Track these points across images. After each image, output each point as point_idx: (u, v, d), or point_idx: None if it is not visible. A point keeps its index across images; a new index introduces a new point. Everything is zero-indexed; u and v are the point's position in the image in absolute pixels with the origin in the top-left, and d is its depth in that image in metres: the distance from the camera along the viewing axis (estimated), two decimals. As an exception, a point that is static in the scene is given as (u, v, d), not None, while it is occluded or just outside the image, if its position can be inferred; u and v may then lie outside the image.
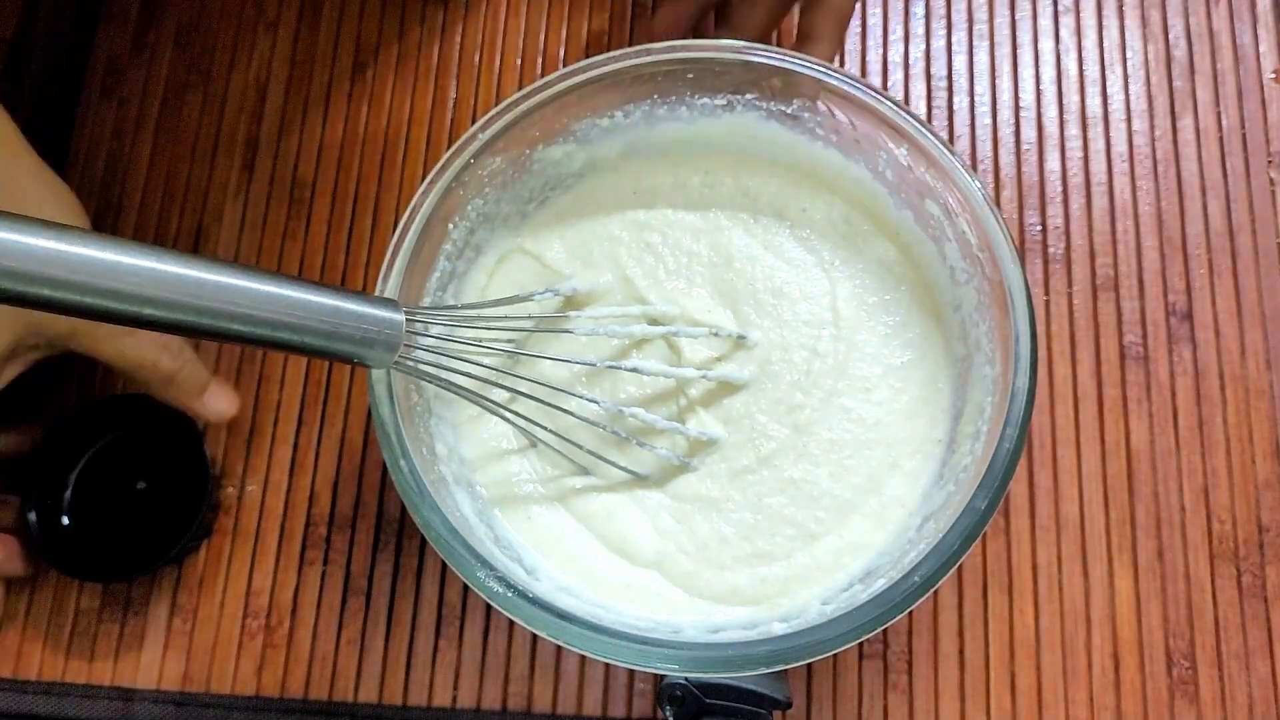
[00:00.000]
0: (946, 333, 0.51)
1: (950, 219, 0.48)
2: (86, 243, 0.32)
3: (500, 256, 0.53)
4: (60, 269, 0.31)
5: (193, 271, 0.34)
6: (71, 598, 0.55)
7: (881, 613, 0.40)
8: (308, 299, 0.37)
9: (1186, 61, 0.62)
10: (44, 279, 0.31)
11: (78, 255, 0.32)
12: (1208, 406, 0.56)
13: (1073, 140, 0.61)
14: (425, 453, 0.46)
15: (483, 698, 0.52)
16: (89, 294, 0.32)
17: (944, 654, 0.52)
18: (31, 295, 0.31)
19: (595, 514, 0.49)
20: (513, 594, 0.40)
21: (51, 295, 0.32)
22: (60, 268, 0.31)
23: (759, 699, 0.44)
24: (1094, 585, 0.53)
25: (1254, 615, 0.52)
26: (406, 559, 0.54)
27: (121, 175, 0.62)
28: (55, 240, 0.31)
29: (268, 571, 0.55)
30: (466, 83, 0.63)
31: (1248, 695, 0.51)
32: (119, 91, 0.64)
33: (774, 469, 0.49)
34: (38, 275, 0.31)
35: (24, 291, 0.31)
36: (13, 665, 0.54)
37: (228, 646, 0.54)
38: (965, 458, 0.45)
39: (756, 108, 0.51)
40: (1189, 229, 0.59)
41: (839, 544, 0.47)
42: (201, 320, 0.34)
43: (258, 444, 0.57)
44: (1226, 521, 0.54)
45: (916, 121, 0.47)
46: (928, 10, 0.64)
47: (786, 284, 0.52)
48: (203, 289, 0.34)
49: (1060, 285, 0.58)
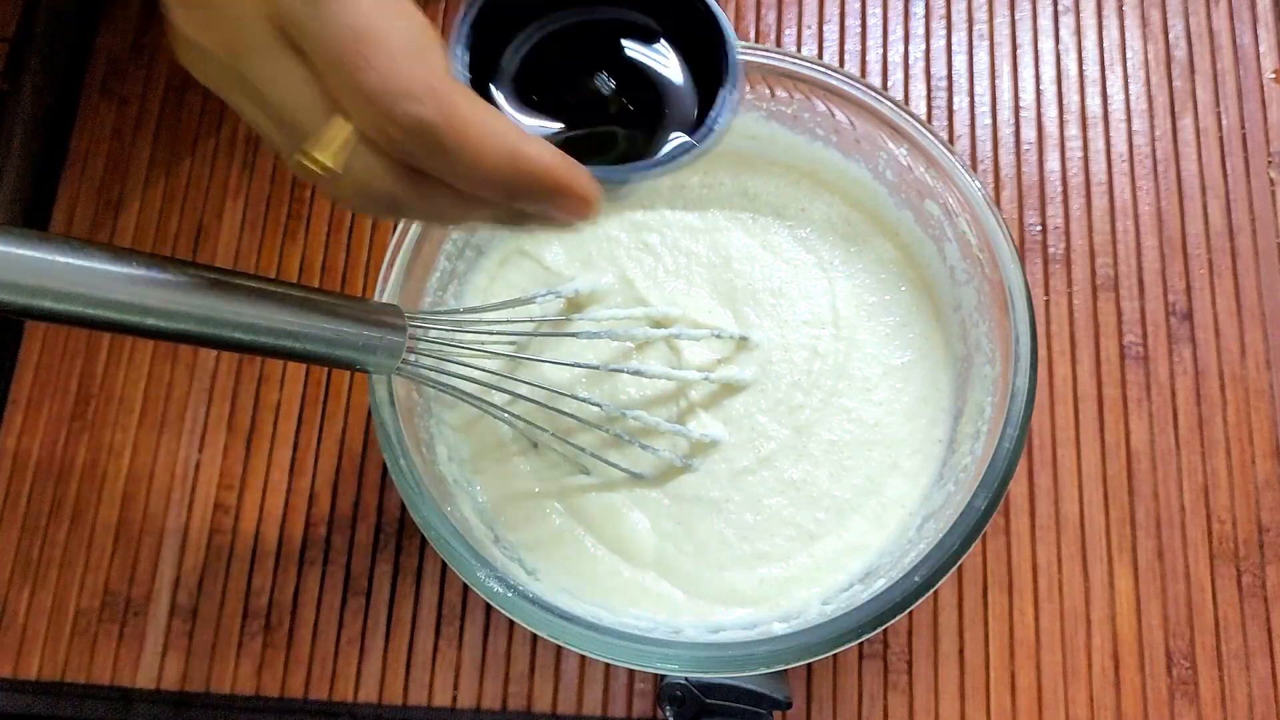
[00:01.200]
0: (946, 333, 0.51)
1: (950, 219, 0.48)
2: (89, 255, 0.32)
3: (502, 258, 0.53)
4: (61, 281, 0.32)
5: (195, 281, 0.34)
6: (72, 598, 0.55)
7: (881, 613, 0.40)
8: (310, 307, 0.37)
9: (1186, 61, 0.62)
10: (45, 291, 0.32)
11: (80, 267, 0.32)
12: (1208, 406, 0.56)
13: (1073, 140, 0.61)
14: (425, 453, 0.46)
15: (483, 698, 0.52)
16: (91, 305, 0.32)
17: (944, 654, 0.52)
18: (34, 308, 0.32)
19: (595, 514, 0.49)
20: (513, 594, 0.40)
21: (53, 307, 0.32)
22: (61, 280, 0.32)
23: (759, 699, 0.44)
24: (1094, 585, 0.53)
25: (1254, 615, 0.52)
26: (406, 559, 0.54)
27: (121, 175, 0.62)
28: (56, 253, 0.32)
29: (268, 571, 0.55)
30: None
31: (1248, 695, 0.51)
32: (119, 91, 0.64)
33: (774, 469, 0.49)
34: (38, 288, 0.31)
35: (27, 304, 0.31)
36: (13, 665, 0.54)
37: (228, 646, 0.54)
38: (965, 458, 0.45)
39: (756, 108, 0.51)
40: (1189, 229, 0.59)
41: (839, 544, 0.47)
42: (204, 330, 0.35)
43: (258, 444, 0.57)
44: (1226, 521, 0.54)
45: (916, 121, 0.47)
46: (928, 10, 0.64)
47: (786, 284, 0.52)
48: (205, 299, 0.34)
49: (1060, 285, 0.58)
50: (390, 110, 0.29)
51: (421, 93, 0.29)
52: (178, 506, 0.56)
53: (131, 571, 0.55)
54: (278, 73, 0.30)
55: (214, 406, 0.57)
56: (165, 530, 0.55)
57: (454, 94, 0.29)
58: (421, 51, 0.29)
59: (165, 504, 0.56)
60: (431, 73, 0.29)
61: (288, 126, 0.30)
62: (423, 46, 0.29)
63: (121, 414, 0.57)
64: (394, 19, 0.29)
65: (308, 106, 0.30)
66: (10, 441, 0.57)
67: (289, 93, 0.30)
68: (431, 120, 0.29)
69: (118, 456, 0.57)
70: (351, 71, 0.28)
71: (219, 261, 0.60)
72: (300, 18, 0.29)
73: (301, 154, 0.30)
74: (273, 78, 0.30)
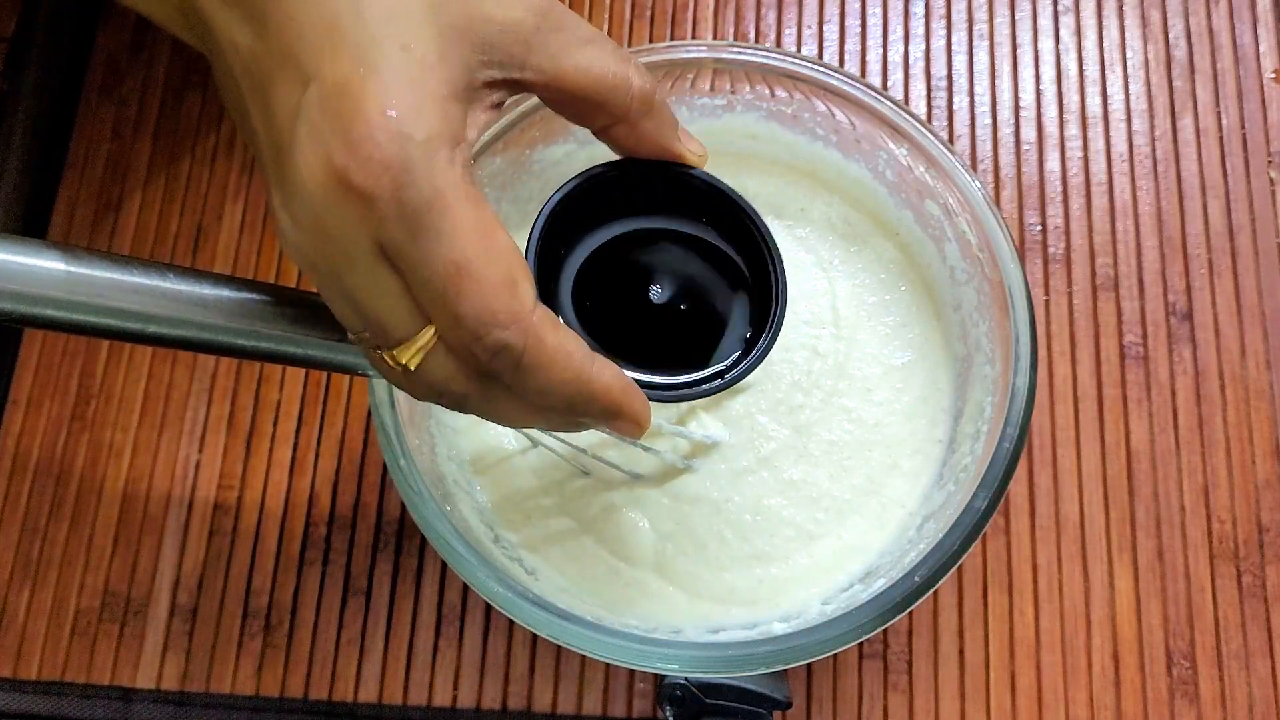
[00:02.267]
0: (946, 332, 0.51)
1: (950, 219, 0.48)
2: (90, 263, 0.32)
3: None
4: (64, 290, 0.32)
5: (197, 288, 0.34)
6: (72, 598, 0.55)
7: (881, 613, 0.40)
8: (312, 313, 0.37)
9: (1186, 61, 0.62)
10: (48, 300, 0.32)
11: (82, 276, 0.32)
12: (1208, 406, 0.56)
13: (1073, 140, 0.61)
14: (425, 453, 0.46)
15: (483, 698, 0.52)
16: (93, 314, 0.32)
17: (944, 654, 0.52)
18: (35, 316, 0.32)
19: (595, 514, 0.49)
20: (513, 594, 0.40)
21: (55, 315, 0.32)
22: (64, 289, 0.32)
23: (759, 699, 0.44)
24: (1094, 585, 0.53)
25: (1254, 615, 0.52)
26: (406, 559, 0.54)
27: (121, 175, 0.62)
28: (60, 261, 0.32)
29: (268, 571, 0.55)
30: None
31: (1248, 695, 0.51)
32: (119, 91, 0.64)
33: (774, 470, 0.49)
34: (41, 296, 0.31)
35: (28, 313, 0.31)
36: (13, 665, 0.54)
37: (228, 646, 0.54)
38: (965, 458, 0.46)
39: (756, 108, 0.51)
40: (1189, 229, 0.59)
41: (838, 545, 0.47)
42: (206, 336, 0.35)
43: (258, 444, 0.57)
44: (1226, 521, 0.54)
45: (916, 121, 0.47)
46: (928, 10, 0.64)
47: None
48: (207, 306, 0.34)
49: (1060, 285, 0.58)
50: (480, 336, 0.31)
51: (509, 321, 0.31)
52: (178, 506, 0.56)
53: (131, 571, 0.55)
54: (374, 285, 0.31)
55: (214, 406, 0.57)
56: (165, 530, 0.55)
57: (539, 325, 0.32)
58: (513, 284, 0.31)
59: (165, 504, 0.56)
60: (520, 304, 0.31)
61: (375, 328, 0.32)
62: (514, 279, 0.31)
63: (121, 414, 0.57)
64: (490, 253, 0.30)
65: (401, 318, 0.31)
66: (10, 441, 0.57)
67: (383, 302, 0.31)
68: (516, 346, 0.31)
69: (118, 456, 0.57)
70: (449, 301, 0.30)
71: (219, 263, 0.60)
72: (403, 248, 0.30)
73: (386, 353, 0.32)
74: (368, 288, 0.31)
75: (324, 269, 0.31)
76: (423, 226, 0.29)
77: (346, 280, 0.31)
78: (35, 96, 0.62)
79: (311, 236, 0.30)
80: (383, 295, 0.31)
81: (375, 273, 0.31)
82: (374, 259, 0.30)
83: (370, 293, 0.31)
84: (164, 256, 0.60)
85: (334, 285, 0.32)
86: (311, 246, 0.31)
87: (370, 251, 0.30)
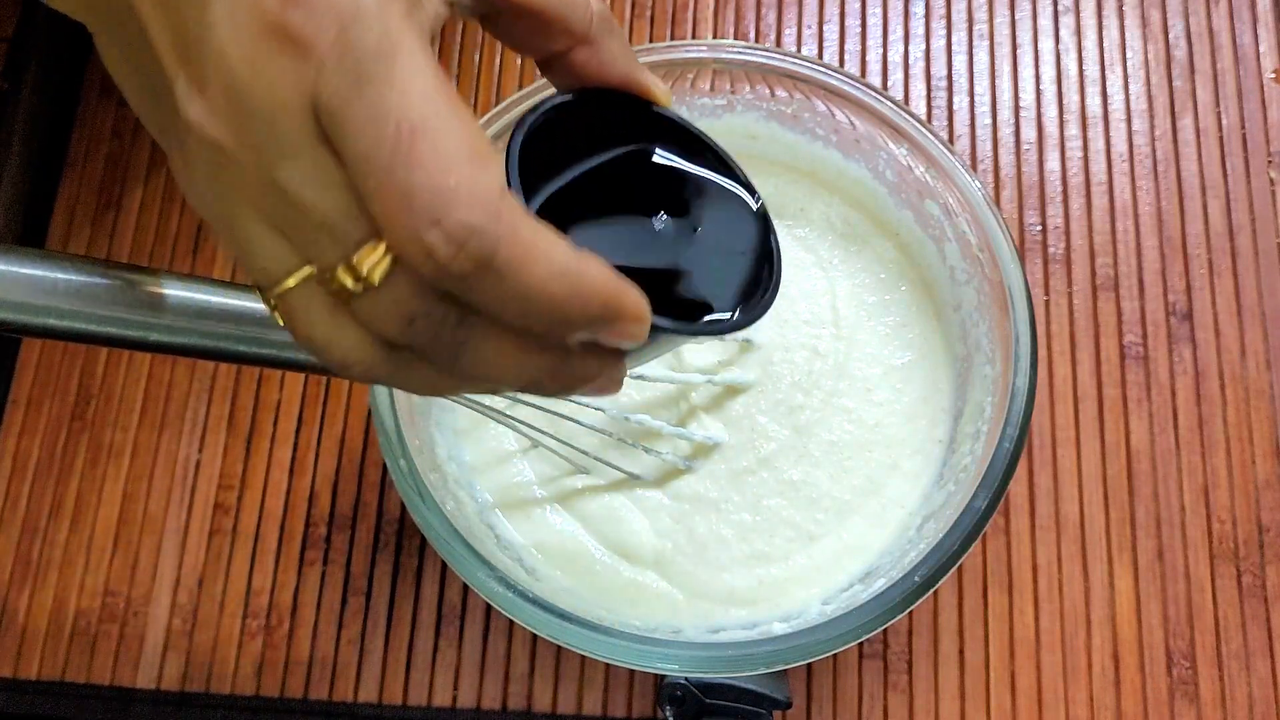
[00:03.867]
0: (947, 333, 0.51)
1: (950, 219, 0.48)
2: (90, 271, 0.32)
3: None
4: (65, 300, 0.32)
5: (198, 295, 0.34)
6: (72, 598, 0.55)
7: (881, 613, 0.40)
8: None
9: (1186, 61, 0.62)
10: (49, 310, 0.32)
11: (83, 284, 0.32)
12: (1208, 406, 0.56)
13: (1073, 140, 0.61)
14: (425, 453, 0.46)
15: (483, 698, 0.52)
16: (94, 322, 0.32)
17: (944, 654, 0.52)
18: (36, 326, 0.32)
19: (595, 514, 0.49)
20: (513, 594, 0.40)
21: (56, 325, 0.32)
22: (65, 299, 0.32)
23: (759, 699, 0.44)
24: (1094, 585, 0.53)
25: (1254, 615, 0.52)
26: (406, 559, 0.54)
27: (121, 175, 0.62)
28: (58, 270, 0.32)
29: (268, 571, 0.55)
30: (466, 82, 0.63)
31: (1248, 695, 0.51)
32: (119, 91, 0.64)
33: (774, 470, 0.49)
34: (41, 306, 0.31)
35: (29, 323, 0.31)
36: (13, 665, 0.54)
37: (228, 646, 0.54)
38: (965, 458, 0.46)
39: (756, 108, 0.51)
40: (1189, 229, 0.59)
41: (838, 545, 0.47)
42: (207, 343, 0.35)
43: (258, 444, 0.57)
44: (1226, 521, 0.54)
45: (916, 121, 0.47)
46: (928, 10, 0.64)
47: (786, 283, 0.51)
48: (208, 313, 0.34)
49: (1060, 285, 0.58)
50: (440, 218, 0.24)
51: (473, 201, 0.24)
52: (178, 506, 0.56)
53: (131, 571, 0.55)
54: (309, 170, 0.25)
55: (214, 406, 0.57)
56: (165, 530, 0.55)
57: (512, 209, 0.25)
58: (477, 155, 0.24)
59: (165, 504, 0.56)
60: (489, 179, 0.24)
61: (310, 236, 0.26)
62: (480, 152, 0.24)
63: (121, 414, 0.57)
64: (449, 118, 0.24)
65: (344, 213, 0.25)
66: (10, 441, 0.57)
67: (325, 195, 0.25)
68: (488, 232, 0.24)
69: (118, 456, 0.57)
70: (399, 172, 0.24)
71: (219, 262, 0.60)
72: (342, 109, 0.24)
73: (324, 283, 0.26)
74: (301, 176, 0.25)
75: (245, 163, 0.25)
76: (368, 75, 0.24)
77: (276, 171, 0.25)
78: (35, 96, 0.62)
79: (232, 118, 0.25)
80: (323, 186, 0.25)
81: (312, 154, 0.25)
82: (309, 136, 0.24)
83: (304, 182, 0.25)
84: (164, 256, 0.60)
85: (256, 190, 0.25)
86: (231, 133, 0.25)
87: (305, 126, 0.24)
